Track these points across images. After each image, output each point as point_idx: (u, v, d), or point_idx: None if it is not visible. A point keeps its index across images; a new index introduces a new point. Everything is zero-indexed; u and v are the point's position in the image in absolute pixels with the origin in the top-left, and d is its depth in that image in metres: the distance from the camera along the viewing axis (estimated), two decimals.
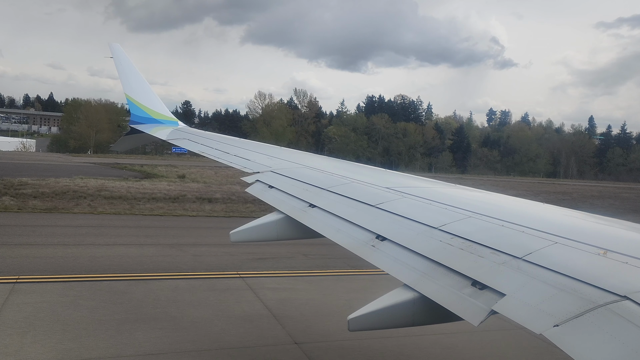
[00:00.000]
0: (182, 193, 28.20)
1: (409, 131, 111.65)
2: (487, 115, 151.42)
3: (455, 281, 3.05)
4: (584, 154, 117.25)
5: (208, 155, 8.98)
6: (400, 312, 3.19)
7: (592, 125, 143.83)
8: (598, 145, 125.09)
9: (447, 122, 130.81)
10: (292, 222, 5.00)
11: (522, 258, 3.00)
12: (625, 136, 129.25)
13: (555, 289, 2.62)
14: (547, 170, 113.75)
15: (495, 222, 3.66)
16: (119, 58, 12.81)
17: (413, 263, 3.42)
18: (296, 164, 7.12)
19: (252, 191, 6.18)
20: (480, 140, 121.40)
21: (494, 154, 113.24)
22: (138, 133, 12.52)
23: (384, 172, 6.99)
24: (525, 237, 3.32)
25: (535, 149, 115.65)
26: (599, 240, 3.12)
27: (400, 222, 4.04)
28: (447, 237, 3.54)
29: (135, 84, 12.93)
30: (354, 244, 3.99)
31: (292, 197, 5.39)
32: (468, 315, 2.78)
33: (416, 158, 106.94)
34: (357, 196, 4.87)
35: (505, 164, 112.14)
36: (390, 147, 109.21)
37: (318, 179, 5.83)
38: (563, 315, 2.40)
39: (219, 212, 23.67)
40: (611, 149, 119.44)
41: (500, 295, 2.76)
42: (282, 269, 14.01)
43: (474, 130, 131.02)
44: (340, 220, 4.45)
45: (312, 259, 15.28)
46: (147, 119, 12.67)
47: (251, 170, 6.95)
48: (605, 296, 2.42)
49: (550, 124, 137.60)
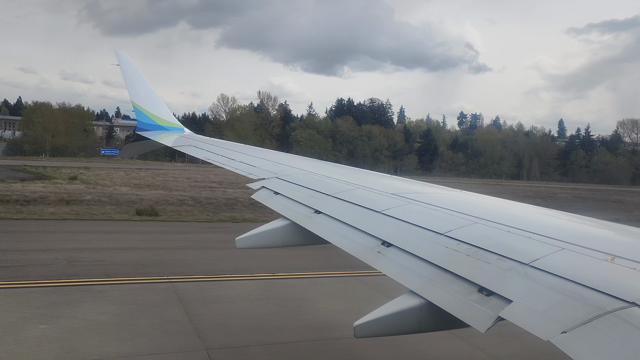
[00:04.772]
0: (46, 195, 27.13)
1: (374, 134, 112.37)
2: (458, 118, 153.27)
3: (461, 287, 3.04)
4: (547, 156, 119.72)
5: (213, 161, 9.01)
6: (407, 319, 3.17)
7: (562, 129, 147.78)
8: (563, 148, 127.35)
9: (417, 126, 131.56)
10: (297, 229, 5.00)
11: (528, 264, 2.98)
12: (589, 139, 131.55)
13: (563, 295, 2.60)
14: (512, 173, 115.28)
15: (501, 228, 3.65)
16: (125, 66, 12.89)
17: (419, 269, 3.41)
18: (301, 170, 7.12)
19: (257, 197, 6.18)
20: (449, 143, 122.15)
21: (459, 156, 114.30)
22: (144, 140, 12.57)
23: (389, 177, 6.98)
24: (532, 243, 3.30)
25: (500, 152, 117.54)
26: (606, 246, 3.10)
27: (406, 228, 4.02)
28: (453, 243, 3.52)
29: (142, 92, 12.99)
30: (359, 250, 3.98)
31: (298, 204, 5.39)
32: (475, 321, 2.76)
33: (381, 161, 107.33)
34: (362, 202, 4.86)
35: (470, 167, 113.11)
36: (355, 150, 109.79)
37: (323, 185, 5.83)
38: (571, 322, 2.38)
39: (62, 214, 22.37)
40: (574, 152, 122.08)
41: (507, 301, 2.74)
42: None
43: (444, 134, 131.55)
44: (346, 227, 4.44)
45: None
46: (153, 125, 12.73)
47: (256, 177, 6.96)
48: (613, 302, 2.40)
49: (521, 127, 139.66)
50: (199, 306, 11.27)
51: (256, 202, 6.03)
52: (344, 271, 14.65)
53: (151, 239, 18.72)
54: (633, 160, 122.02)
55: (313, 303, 12.04)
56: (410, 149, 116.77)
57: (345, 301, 12.24)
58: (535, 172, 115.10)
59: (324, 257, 15.59)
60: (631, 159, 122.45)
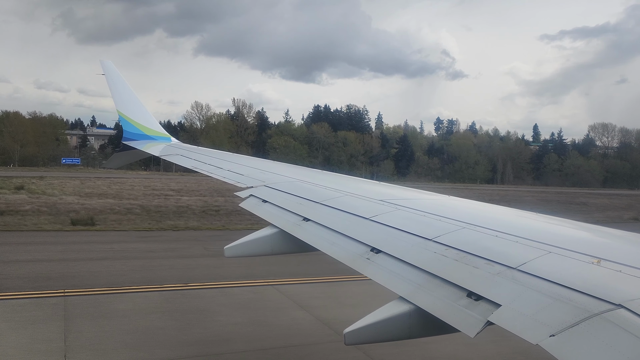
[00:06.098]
0: None
1: (350, 140, 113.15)
2: (435, 124, 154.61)
3: (450, 292, 3.05)
4: (521, 160, 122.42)
5: (201, 170, 8.97)
6: (396, 325, 3.17)
7: (536, 133, 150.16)
8: (536, 152, 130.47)
9: (394, 131, 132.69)
10: (286, 236, 4.99)
11: (516, 268, 3.00)
12: (562, 143, 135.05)
13: (551, 298, 2.63)
14: (486, 177, 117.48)
15: (489, 233, 3.67)
16: (111, 75, 12.82)
17: (408, 275, 3.42)
18: (290, 177, 7.12)
19: (245, 206, 6.16)
20: (425, 149, 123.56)
21: (434, 161, 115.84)
22: (130, 149, 12.49)
23: (377, 184, 7.01)
24: (519, 247, 3.33)
25: (474, 157, 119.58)
26: (592, 249, 3.14)
27: (394, 235, 4.04)
28: (441, 249, 3.54)
29: (128, 101, 12.93)
30: (348, 257, 3.98)
31: (286, 211, 5.38)
32: (464, 326, 2.77)
33: (357, 167, 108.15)
34: (351, 209, 4.87)
35: (446, 172, 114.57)
36: (331, 156, 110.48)
37: (312, 193, 5.83)
38: (559, 325, 2.40)
39: None
40: (547, 156, 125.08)
41: (495, 305, 2.76)
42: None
43: (420, 139, 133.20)
44: (335, 234, 4.44)
45: None
46: (139, 135, 12.65)
47: (245, 185, 6.94)
48: (600, 305, 2.43)
49: (496, 132, 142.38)
50: (83, 322, 10.47)
51: (208, 210, 5.89)
52: (264, 280, 14.28)
53: (71, 250, 17.83)
54: (604, 163, 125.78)
55: (213, 315, 11.42)
56: (386, 154, 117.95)
57: (251, 312, 11.70)
58: (509, 176, 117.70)
59: (246, 266, 15.19)
60: (602, 162, 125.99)
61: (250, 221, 26.47)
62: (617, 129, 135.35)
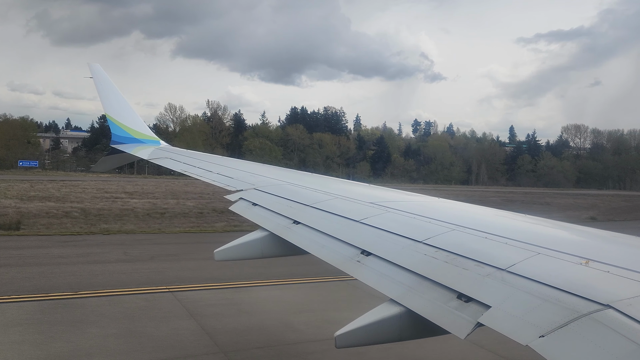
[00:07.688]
0: None
1: (325, 142, 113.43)
2: (412, 126, 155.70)
3: (440, 294, 3.05)
4: (495, 161, 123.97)
5: (190, 173, 8.92)
6: (387, 327, 3.17)
7: (512, 135, 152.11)
8: (510, 153, 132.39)
9: (372, 133, 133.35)
10: (276, 240, 4.97)
11: (506, 270, 3.01)
12: (535, 144, 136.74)
13: (540, 299, 2.64)
14: (461, 178, 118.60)
15: (478, 235, 3.69)
16: (99, 78, 12.73)
17: (399, 277, 3.42)
18: (280, 180, 7.10)
19: (235, 209, 6.14)
20: (402, 150, 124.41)
21: (410, 163, 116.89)
22: (119, 153, 12.40)
23: (367, 187, 7.01)
24: (509, 248, 3.34)
25: (450, 158, 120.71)
26: (580, 250, 3.16)
27: (384, 237, 4.04)
28: (431, 251, 3.54)
29: (116, 104, 12.84)
30: (339, 259, 3.97)
31: (276, 214, 5.37)
32: (454, 328, 2.78)
33: (333, 168, 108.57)
34: (341, 212, 4.86)
35: (422, 173, 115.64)
36: (307, 158, 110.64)
37: (302, 196, 5.82)
38: (548, 326, 2.41)
39: None
40: (521, 157, 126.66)
41: (485, 307, 2.76)
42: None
43: (398, 141, 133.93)
44: (325, 237, 4.43)
45: None
46: (128, 138, 12.56)
47: (234, 188, 6.91)
48: (588, 305, 2.44)
49: (473, 134, 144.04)
50: None
51: (153, 213, 5.69)
52: (166, 286, 13.41)
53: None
54: (577, 164, 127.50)
55: (86, 326, 10.39)
56: (363, 156, 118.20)
57: (131, 322, 10.79)
58: (483, 177, 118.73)
59: (158, 272, 14.61)
60: (575, 162, 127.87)
61: (192, 224, 26.11)
62: (590, 130, 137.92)
